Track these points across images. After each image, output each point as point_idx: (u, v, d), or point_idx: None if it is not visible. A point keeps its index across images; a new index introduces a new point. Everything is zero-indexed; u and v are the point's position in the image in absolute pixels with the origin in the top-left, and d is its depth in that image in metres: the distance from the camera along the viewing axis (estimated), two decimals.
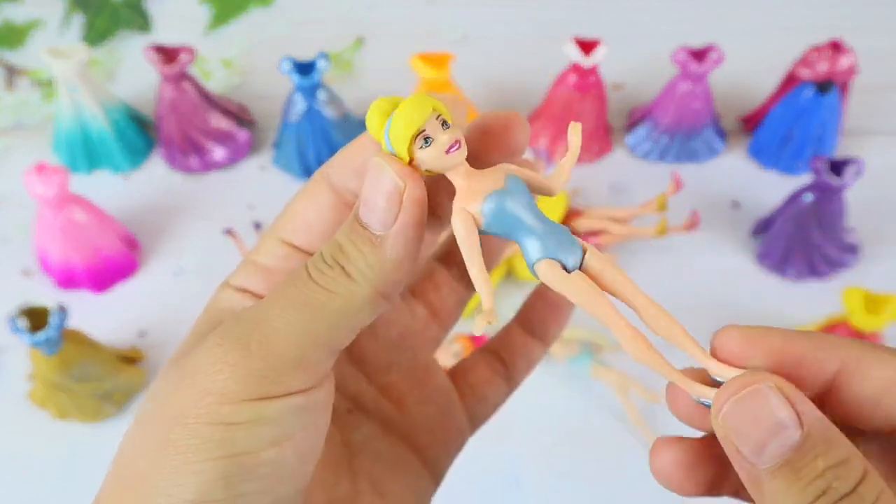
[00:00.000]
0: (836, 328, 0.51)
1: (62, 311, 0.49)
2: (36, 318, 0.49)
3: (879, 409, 0.20)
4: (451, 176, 0.21)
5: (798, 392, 0.18)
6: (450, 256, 0.28)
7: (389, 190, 0.20)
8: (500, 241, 0.25)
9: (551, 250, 0.20)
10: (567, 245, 0.20)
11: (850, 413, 0.20)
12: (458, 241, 0.21)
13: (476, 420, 0.28)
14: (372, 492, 0.25)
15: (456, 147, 0.20)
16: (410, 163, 0.21)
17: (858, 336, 0.50)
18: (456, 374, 0.29)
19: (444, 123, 0.20)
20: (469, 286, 0.28)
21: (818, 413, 0.18)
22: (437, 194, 0.23)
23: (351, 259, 0.20)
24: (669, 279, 0.61)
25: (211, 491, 0.19)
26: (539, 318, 0.28)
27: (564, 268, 0.20)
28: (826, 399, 0.20)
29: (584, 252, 0.21)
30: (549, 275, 0.20)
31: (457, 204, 0.21)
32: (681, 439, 0.22)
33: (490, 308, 0.20)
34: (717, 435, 0.19)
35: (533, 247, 0.20)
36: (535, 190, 0.21)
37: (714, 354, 0.20)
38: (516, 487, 0.52)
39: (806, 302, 0.59)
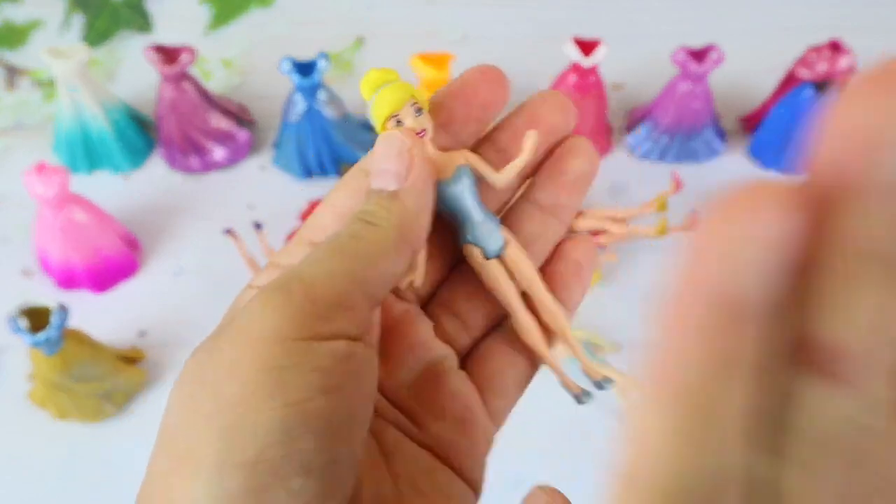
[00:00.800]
0: None
1: (63, 310, 0.49)
2: (36, 318, 0.49)
3: None
4: None
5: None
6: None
7: (399, 149, 0.23)
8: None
9: (476, 237, 0.25)
10: (490, 236, 0.25)
11: None
12: None
13: (500, 415, 0.27)
14: (413, 494, 0.24)
15: (421, 134, 0.24)
16: None
17: None
18: (471, 365, 0.27)
19: (419, 110, 0.24)
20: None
21: None
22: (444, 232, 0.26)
23: (374, 213, 0.22)
24: (669, 279, 0.61)
25: (269, 446, 0.19)
26: (561, 280, 0.27)
27: (485, 254, 0.25)
28: None
29: (507, 244, 0.25)
30: (471, 257, 0.25)
31: None
32: None
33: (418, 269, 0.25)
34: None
35: (465, 230, 0.25)
36: (482, 178, 0.25)
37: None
38: (516, 488, 0.52)
39: None
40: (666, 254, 0.63)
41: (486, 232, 0.25)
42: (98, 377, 0.53)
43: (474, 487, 0.26)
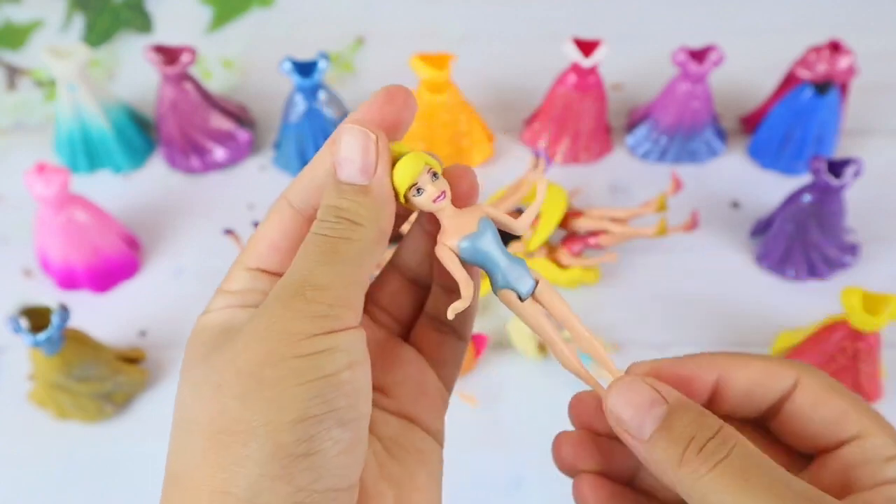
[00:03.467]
0: (835, 328, 0.51)
1: (64, 310, 0.49)
2: (37, 317, 0.49)
3: (751, 400, 0.26)
4: (438, 216, 0.26)
5: (660, 382, 0.25)
6: (400, 264, 0.30)
7: (365, 143, 0.24)
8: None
9: (509, 282, 0.26)
10: (521, 279, 0.26)
11: (734, 407, 0.27)
12: (444, 265, 0.26)
13: (449, 381, 0.31)
14: (397, 449, 0.28)
15: (441, 197, 0.25)
16: (406, 204, 0.26)
17: (858, 336, 0.50)
18: (413, 344, 0.30)
19: (435, 175, 0.25)
20: (416, 284, 0.30)
21: (677, 393, 0.25)
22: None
23: (352, 211, 0.24)
24: (669, 279, 0.61)
25: (310, 407, 0.22)
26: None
27: (519, 296, 0.26)
28: (715, 400, 0.27)
29: (537, 283, 0.26)
30: (507, 301, 0.26)
31: (440, 239, 0.26)
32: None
33: (466, 296, 0.25)
34: (611, 425, 0.25)
35: (496, 278, 0.26)
36: (504, 227, 0.26)
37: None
38: (517, 488, 0.53)
39: (805, 302, 0.60)
40: (666, 254, 0.63)
41: (516, 276, 0.26)
42: (98, 377, 0.53)
43: (438, 440, 0.30)
